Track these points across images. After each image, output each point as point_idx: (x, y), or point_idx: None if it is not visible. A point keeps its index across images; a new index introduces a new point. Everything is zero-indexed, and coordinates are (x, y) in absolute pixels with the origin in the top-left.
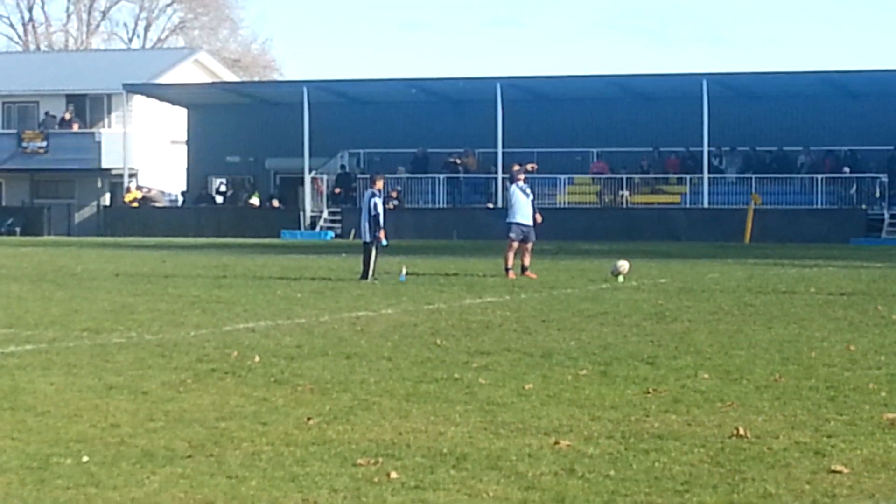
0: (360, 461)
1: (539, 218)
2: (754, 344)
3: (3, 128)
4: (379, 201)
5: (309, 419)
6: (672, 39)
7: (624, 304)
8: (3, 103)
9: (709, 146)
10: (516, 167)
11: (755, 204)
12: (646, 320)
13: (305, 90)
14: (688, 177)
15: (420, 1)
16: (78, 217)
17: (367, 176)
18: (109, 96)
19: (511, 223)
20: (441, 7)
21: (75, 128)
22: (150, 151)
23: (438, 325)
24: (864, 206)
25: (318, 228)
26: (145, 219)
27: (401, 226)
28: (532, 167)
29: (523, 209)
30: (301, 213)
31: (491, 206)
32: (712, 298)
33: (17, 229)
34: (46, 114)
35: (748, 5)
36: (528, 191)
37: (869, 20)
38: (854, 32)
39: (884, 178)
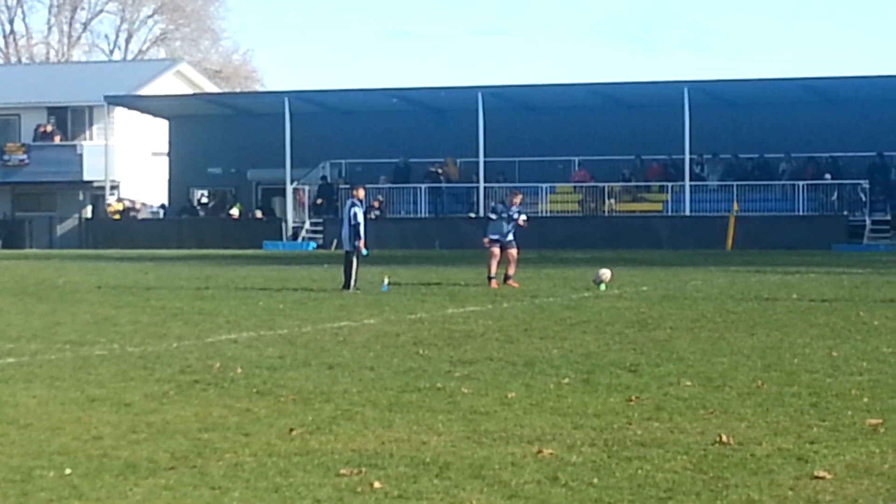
0: (343, 471)
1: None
2: (736, 351)
3: None
4: (359, 211)
5: (292, 430)
6: (656, 46)
7: (606, 312)
8: None
9: (690, 154)
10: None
11: (735, 212)
12: (628, 328)
13: (287, 101)
14: (669, 184)
15: (407, 10)
16: (60, 229)
17: (349, 186)
18: (91, 108)
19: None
20: (428, 16)
21: (57, 140)
22: (131, 163)
23: (421, 335)
24: (845, 213)
25: (300, 239)
26: (127, 231)
27: (383, 236)
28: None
29: (495, 226)
30: (283, 224)
31: (473, 215)
32: (694, 306)
33: None
34: (37, 128)
35: (731, 12)
36: (507, 214)
37: (850, 27)
38: (835, 39)
39: (865, 184)
